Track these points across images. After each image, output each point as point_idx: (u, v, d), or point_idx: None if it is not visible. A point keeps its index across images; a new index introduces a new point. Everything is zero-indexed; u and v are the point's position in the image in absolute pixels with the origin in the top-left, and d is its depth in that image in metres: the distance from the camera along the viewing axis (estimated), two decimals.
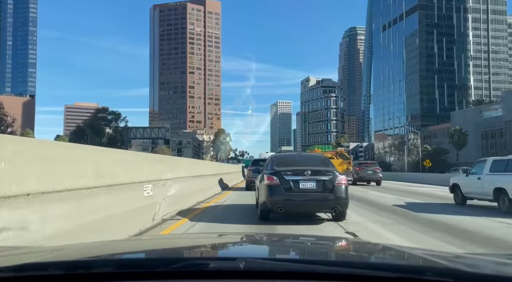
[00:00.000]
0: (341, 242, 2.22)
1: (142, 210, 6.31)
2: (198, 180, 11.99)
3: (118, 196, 5.34)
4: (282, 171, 7.44)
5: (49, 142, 5.72)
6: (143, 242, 2.17)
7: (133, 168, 6.35)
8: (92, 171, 4.65)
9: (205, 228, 6.81)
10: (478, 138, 73.79)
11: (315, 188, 7.29)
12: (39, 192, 3.46)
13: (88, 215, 4.41)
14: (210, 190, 13.91)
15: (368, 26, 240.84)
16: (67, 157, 4.17)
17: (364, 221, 8.14)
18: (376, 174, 24.46)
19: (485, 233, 6.87)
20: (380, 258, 1.61)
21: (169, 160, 10.47)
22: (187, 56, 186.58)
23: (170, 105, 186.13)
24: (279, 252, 1.73)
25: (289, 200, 7.24)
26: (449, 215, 9.37)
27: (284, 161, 8.35)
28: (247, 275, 1.07)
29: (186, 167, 11.28)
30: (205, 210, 9.53)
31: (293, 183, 7.28)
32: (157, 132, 59.57)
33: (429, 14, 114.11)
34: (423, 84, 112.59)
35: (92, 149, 5.69)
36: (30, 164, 3.44)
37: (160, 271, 1.10)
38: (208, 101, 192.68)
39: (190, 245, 1.78)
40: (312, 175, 7.34)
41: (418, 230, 7.07)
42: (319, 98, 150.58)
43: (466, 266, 1.27)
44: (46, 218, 3.56)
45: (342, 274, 1.10)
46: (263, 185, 7.63)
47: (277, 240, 2.11)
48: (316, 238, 2.69)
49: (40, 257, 1.39)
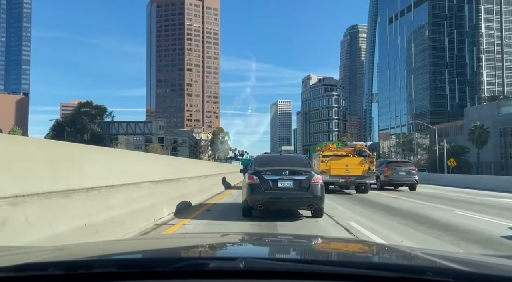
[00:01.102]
0: (341, 242, 2.25)
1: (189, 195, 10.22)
2: (211, 178, 14.65)
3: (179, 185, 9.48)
4: (262, 171, 8.06)
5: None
6: (143, 242, 2.16)
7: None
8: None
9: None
10: (496, 136, 68.11)
11: (292, 187, 7.87)
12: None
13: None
14: (217, 188, 15.87)
15: (370, 23, 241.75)
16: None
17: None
18: (411, 176, 19.00)
19: None
20: (380, 258, 1.62)
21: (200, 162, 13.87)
22: (184, 53, 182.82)
23: (167, 103, 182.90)
24: (279, 252, 1.73)
25: (268, 198, 7.82)
26: None
27: (266, 161, 9.03)
28: (247, 275, 1.07)
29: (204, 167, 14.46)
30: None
31: (272, 182, 7.87)
32: (142, 128, 52.77)
33: (439, 5, 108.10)
34: (433, 80, 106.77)
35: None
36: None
37: (160, 271, 1.10)
38: (207, 99, 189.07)
39: (190, 245, 1.80)
40: (289, 174, 7.93)
41: None
42: (321, 97, 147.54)
43: (466, 266, 1.27)
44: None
45: (342, 274, 1.10)
46: (245, 184, 8.35)
47: (277, 240, 2.15)
48: (316, 238, 2.63)
49: (40, 257, 1.40)
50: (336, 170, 16.35)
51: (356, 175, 16.23)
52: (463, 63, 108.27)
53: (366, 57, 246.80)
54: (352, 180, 16.24)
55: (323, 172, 15.69)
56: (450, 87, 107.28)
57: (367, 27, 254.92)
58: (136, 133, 53.80)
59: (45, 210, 3.72)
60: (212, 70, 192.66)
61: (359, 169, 16.31)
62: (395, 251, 1.75)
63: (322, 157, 16.98)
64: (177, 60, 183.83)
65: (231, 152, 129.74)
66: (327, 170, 16.26)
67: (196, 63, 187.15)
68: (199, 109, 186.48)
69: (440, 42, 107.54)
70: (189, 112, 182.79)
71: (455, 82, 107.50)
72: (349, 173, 16.26)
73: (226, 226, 7.16)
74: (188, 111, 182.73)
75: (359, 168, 16.37)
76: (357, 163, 16.71)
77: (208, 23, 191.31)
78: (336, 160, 16.95)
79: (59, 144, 4.80)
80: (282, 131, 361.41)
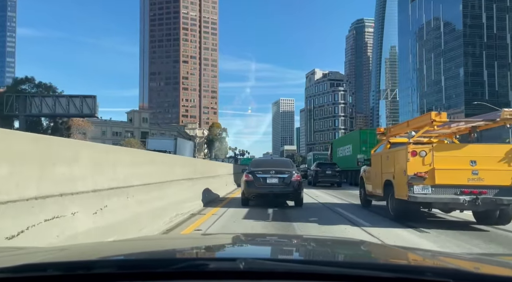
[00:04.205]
0: (342, 242, 2.28)
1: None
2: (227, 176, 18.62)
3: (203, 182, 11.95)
4: (256, 171, 10.99)
5: None
6: (143, 242, 2.18)
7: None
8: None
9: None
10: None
11: (277, 183, 10.72)
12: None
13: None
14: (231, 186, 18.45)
15: (378, 16, 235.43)
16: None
17: None
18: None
19: None
20: (380, 259, 1.63)
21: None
22: (180, 43, 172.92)
23: (161, 98, 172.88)
24: (279, 253, 1.76)
25: (259, 191, 10.76)
26: None
27: (259, 163, 12.00)
28: (248, 275, 1.08)
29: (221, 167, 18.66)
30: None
31: (262, 179, 10.76)
32: (79, 106, 33.44)
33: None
34: (468, 64, 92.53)
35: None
36: None
37: (160, 272, 1.11)
38: (204, 94, 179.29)
39: (190, 246, 1.82)
40: (275, 173, 10.84)
41: None
42: (326, 93, 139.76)
43: (465, 266, 1.28)
44: None
45: (342, 274, 1.11)
46: (243, 180, 11.28)
47: (278, 240, 2.21)
48: (317, 238, 2.67)
49: (40, 257, 1.41)
50: (451, 175, 7.46)
51: (498, 185, 7.31)
52: (504, 43, 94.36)
53: (373, 52, 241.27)
54: (489, 197, 7.22)
55: (416, 177, 7.49)
56: (489, 72, 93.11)
57: (374, 20, 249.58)
58: (71, 114, 35.03)
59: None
60: (210, 63, 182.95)
61: (504, 172, 7.33)
62: (396, 251, 1.75)
63: (411, 146, 7.80)
64: (172, 52, 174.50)
65: (230, 150, 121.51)
66: (427, 173, 7.51)
67: (193, 55, 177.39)
68: (196, 104, 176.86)
69: (476, 19, 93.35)
70: (184, 108, 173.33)
71: (495, 66, 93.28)
72: (482, 181, 7.33)
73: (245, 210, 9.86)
74: (184, 107, 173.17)
75: (503, 168, 7.34)
76: (499, 157, 7.39)
77: (205, 12, 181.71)
78: (446, 150, 7.83)
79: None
80: (285, 131, 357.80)
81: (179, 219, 7.67)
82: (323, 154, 62.27)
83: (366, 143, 24.35)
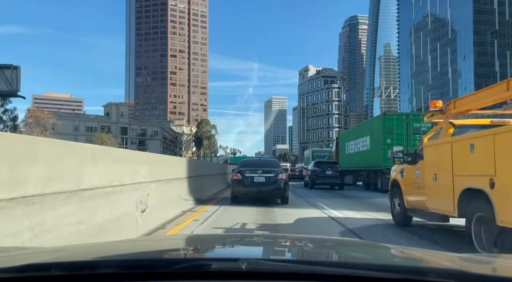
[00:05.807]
0: (344, 243, 2.31)
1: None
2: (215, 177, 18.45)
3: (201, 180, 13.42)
4: (244, 170, 11.72)
5: None
6: (146, 242, 2.23)
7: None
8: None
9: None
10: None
11: (264, 181, 11.46)
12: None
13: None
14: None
15: (372, 12, 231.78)
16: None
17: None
18: None
19: None
20: (383, 259, 1.63)
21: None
22: (167, 36, 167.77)
23: (148, 94, 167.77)
24: (281, 253, 1.76)
25: (247, 189, 11.52)
26: None
27: (248, 164, 12.89)
28: (250, 276, 1.08)
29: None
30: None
31: (250, 178, 11.48)
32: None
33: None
34: (478, 53, 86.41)
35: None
36: None
37: (163, 272, 1.12)
38: (193, 90, 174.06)
39: (193, 246, 1.85)
40: (262, 173, 11.57)
41: None
42: (320, 90, 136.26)
43: (468, 267, 1.29)
44: None
45: (345, 275, 1.12)
46: (232, 179, 12.01)
47: (280, 241, 2.22)
48: (319, 239, 2.67)
49: (43, 257, 1.42)
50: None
51: None
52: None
53: (367, 49, 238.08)
54: None
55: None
56: (501, 63, 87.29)
57: (369, 17, 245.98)
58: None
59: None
60: (200, 58, 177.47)
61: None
62: (398, 252, 1.76)
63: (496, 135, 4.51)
64: (159, 45, 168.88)
65: (221, 149, 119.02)
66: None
67: (181, 49, 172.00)
68: (185, 101, 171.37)
69: (487, 4, 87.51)
70: (172, 104, 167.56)
71: (507, 56, 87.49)
72: None
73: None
74: (172, 103, 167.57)
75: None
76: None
77: (194, 4, 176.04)
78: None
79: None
80: (277, 129, 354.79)
81: (171, 216, 8.22)
82: (323, 151, 55.06)
83: (392, 133, 18.39)
